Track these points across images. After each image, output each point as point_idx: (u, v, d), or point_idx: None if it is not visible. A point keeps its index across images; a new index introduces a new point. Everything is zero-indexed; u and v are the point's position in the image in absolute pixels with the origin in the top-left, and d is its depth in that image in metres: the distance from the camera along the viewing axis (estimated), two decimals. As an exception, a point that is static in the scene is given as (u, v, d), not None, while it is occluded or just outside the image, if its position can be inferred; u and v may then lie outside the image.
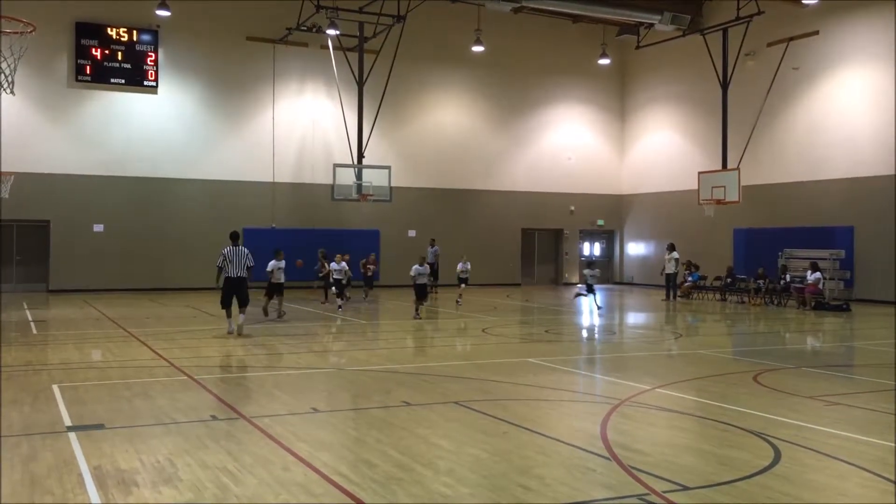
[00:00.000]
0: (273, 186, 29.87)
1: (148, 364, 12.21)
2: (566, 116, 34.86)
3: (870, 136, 25.63)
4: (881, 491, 6.41)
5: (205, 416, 8.70)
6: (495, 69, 33.07)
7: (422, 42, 30.82)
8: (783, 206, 28.08)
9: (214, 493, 6.08)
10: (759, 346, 16.34)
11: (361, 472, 6.67)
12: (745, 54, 27.87)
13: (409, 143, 31.94)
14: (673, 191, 32.35)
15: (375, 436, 7.90)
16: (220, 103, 29.40)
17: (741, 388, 10.75)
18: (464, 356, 13.34)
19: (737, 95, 28.00)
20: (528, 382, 11.48)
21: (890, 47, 25.17)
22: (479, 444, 7.65)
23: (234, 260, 15.55)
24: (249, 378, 11.31)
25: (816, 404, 9.86)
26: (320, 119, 30.51)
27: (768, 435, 7.93)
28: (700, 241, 30.33)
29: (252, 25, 29.40)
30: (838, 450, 7.51)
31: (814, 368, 12.64)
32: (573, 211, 34.95)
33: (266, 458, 7.05)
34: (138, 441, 7.58)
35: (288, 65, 30.08)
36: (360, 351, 14.63)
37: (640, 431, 8.45)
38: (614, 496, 6.11)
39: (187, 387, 10.42)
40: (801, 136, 27.89)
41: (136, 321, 18.18)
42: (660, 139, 34.00)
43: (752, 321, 21.20)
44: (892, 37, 25.13)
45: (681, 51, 30.74)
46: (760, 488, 6.35)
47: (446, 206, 32.51)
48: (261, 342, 15.21)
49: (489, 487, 6.35)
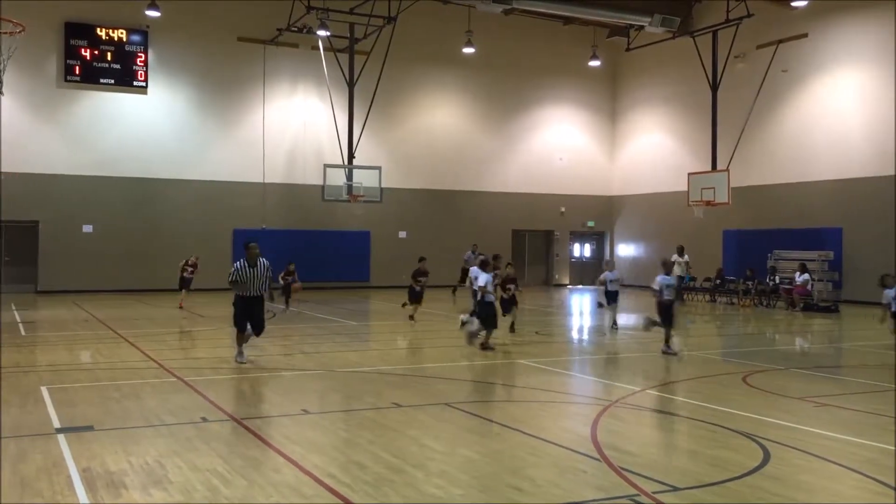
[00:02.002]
0: (264, 187, 29.81)
1: (138, 366, 12.17)
2: (557, 118, 34.91)
3: (858, 138, 25.76)
4: (872, 492, 6.44)
5: (195, 417, 8.67)
6: (486, 70, 33.10)
7: (413, 43, 30.81)
8: (772, 208, 28.19)
9: (204, 495, 6.06)
10: (749, 348, 16.40)
11: (352, 473, 6.67)
12: (735, 56, 27.97)
13: (399, 144, 31.93)
14: (663, 192, 32.43)
15: (366, 437, 7.89)
16: (210, 104, 29.32)
17: (731, 389, 10.78)
18: (454, 358, 13.34)
19: (726, 97, 28.10)
20: (518, 384, 11.49)
21: (878, 49, 25.32)
22: (470, 446, 7.65)
23: (250, 277, 12.27)
24: (240, 380, 11.28)
25: (806, 405, 9.91)
26: (311, 120, 30.47)
27: (758, 436, 7.96)
28: (690, 242, 30.37)
29: (242, 26, 29.34)
30: (828, 451, 7.54)
31: (803, 369, 12.69)
32: (563, 212, 35.00)
33: (257, 459, 7.04)
34: (128, 443, 7.55)
35: (279, 65, 30.03)
36: (351, 352, 14.61)
37: (630, 432, 8.47)
38: (605, 497, 6.12)
39: (177, 388, 10.38)
40: (790, 138, 28.01)
41: (125, 322, 18.10)
42: (650, 141, 34.10)
43: (741, 322, 21.26)
44: (881, 39, 25.28)
45: (671, 53, 30.83)
46: (750, 489, 6.38)
47: (437, 208, 32.51)
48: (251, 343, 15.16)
49: (480, 488, 6.36)
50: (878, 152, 25.09)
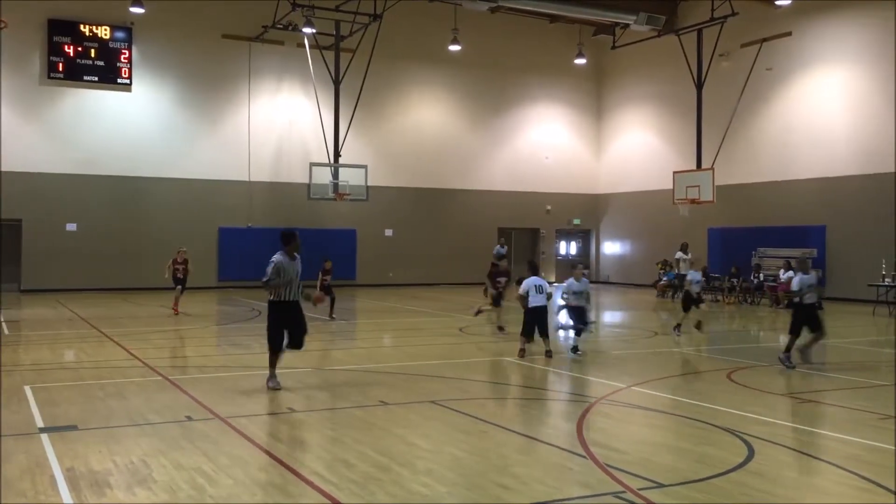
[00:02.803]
0: (249, 185, 29.69)
1: (122, 364, 12.10)
2: (543, 116, 34.96)
3: (842, 136, 25.94)
4: (854, 487, 6.49)
5: (180, 416, 8.63)
6: (473, 68, 33.09)
7: (399, 41, 30.76)
8: (757, 206, 28.34)
9: (189, 494, 6.03)
10: (733, 345, 16.49)
11: (339, 472, 6.65)
12: (720, 55, 28.11)
13: (386, 143, 31.87)
14: (648, 190, 32.54)
15: (353, 435, 7.88)
16: (195, 101, 29.17)
17: (715, 385, 10.84)
18: (441, 355, 13.35)
19: (711, 96, 28.22)
20: (505, 381, 11.51)
21: (862, 48, 25.50)
22: (456, 444, 7.65)
23: (291, 277, 10.27)
24: (225, 378, 11.23)
25: (789, 402, 9.97)
26: (297, 118, 30.36)
27: (742, 432, 8.01)
28: (675, 240, 30.47)
29: (227, 23, 29.18)
30: (811, 447, 7.59)
31: (787, 366, 12.75)
32: (550, 210, 35.06)
33: (242, 458, 7.01)
34: (112, 442, 7.50)
35: (264, 63, 29.91)
36: (337, 350, 14.59)
37: (616, 429, 8.50)
38: (591, 494, 6.14)
39: (162, 387, 10.33)
40: (774, 137, 28.17)
41: (110, 321, 17.99)
42: (636, 139, 34.20)
43: (726, 319, 21.37)
44: (864, 38, 25.46)
45: (656, 51, 30.93)
46: (735, 485, 6.41)
47: (423, 206, 32.49)
48: (237, 341, 15.12)
49: (467, 486, 6.36)
50: (862, 151, 25.28)
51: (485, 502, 5.95)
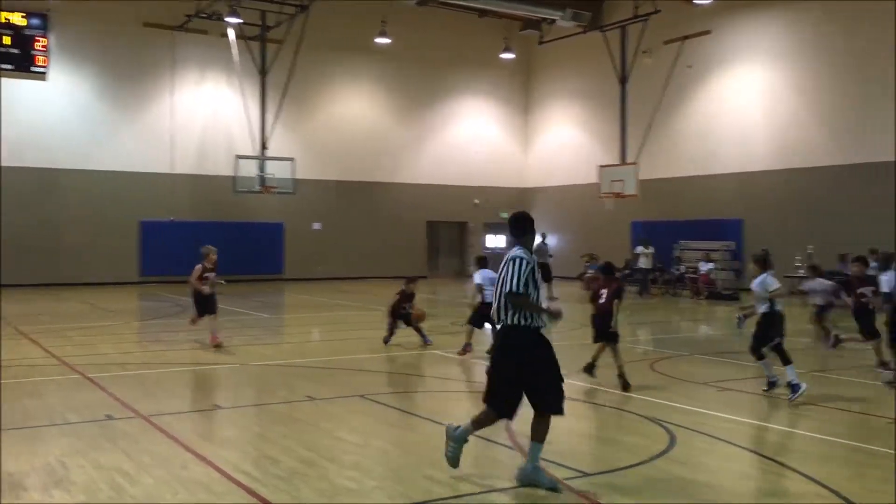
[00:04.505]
0: (172, 178, 28.99)
1: (39, 363, 11.70)
2: (471, 110, 35.11)
3: (759, 133, 26.78)
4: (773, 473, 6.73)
5: (99, 415, 8.40)
6: (401, 61, 32.99)
7: (326, 32, 30.42)
8: (678, 200, 29.04)
9: (109, 495, 5.89)
10: (656, 335, 16.88)
11: (264, 468, 6.58)
12: (643, 52, 28.69)
13: (313, 136, 31.53)
14: (575, 184, 33.01)
15: (279, 431, 7.80)
16: (115, 91, 28.31)
17: (638, 375, 11.07)
18: (369, 349, 13.31)
19: (635, 92, 28.80)
20: (434, 374, 11.54)
21: (777, 47, 26.34)
22: (385, 437, 7.65)
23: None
24: (148, 375, 10.97)
25: (709, 390, 10.27)
26: (222, 109, 29.73)
27: (664, 420, 8.21)
28: (600, 233, 31.06)
29: (149, 11, 28.35)
30: (729, 433, 7.83)
31: (706, 355, 13.14)
32: (478, 203, 35.25)
33: (164, 457, 6.87)
34: (29, 443, 7.28)
35: (188, 53, 29.20)
36: (264, 346, 14.41)
37: (542, 420, 8.59)
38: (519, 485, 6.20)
39: (81, 385, 10.04)
40: (695, 133, 28.90)
41: (27, 318, 17.36)
42: (562, 133, 34.64)
43: (648, 311, 21.85)
44: (780, 37, 26.31)
45: (582, 47, 31.38)
46: (657, 472, 6.58)
47: (351, 199, 32.28)
48: (159, 338, 14.79)
49: (395, 480, 6.37)
50: (777, 147, 26.16)
51: (414, 496, 5.96)
